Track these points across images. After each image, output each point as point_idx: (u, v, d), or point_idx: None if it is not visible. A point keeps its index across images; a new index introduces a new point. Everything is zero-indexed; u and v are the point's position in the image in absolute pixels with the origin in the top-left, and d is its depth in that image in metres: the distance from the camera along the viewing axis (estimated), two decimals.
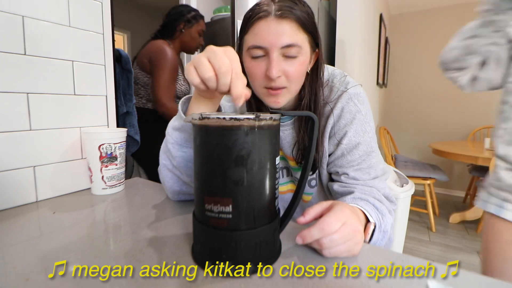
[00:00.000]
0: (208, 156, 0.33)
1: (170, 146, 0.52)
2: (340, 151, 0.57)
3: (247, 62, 0.53)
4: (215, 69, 0.37)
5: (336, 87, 0.59)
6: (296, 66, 0.50)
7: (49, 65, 0.59)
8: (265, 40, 0.48)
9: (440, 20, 3.14)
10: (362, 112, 0.56)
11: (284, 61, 0.50)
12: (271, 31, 0.48)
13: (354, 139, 0.56)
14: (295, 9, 0.48)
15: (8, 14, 0.53)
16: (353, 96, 0.57)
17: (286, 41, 0.48)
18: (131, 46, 3.54)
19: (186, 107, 0.51)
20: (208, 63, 0.37)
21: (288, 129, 0.62)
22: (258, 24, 0.49)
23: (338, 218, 0.38)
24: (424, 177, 2.22)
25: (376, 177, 0.57)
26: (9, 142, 0.54)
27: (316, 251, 0.39)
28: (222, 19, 2.00)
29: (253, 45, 0.50)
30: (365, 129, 0.57)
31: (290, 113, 0.40)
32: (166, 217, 0.51)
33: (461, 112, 3.11)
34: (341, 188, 0.56)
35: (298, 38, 0.49)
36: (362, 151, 0.56)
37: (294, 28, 0.48)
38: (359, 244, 0.39)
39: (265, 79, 0.51)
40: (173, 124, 0.52)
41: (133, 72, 1.30)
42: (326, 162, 0.60)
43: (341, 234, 0.37)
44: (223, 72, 0.37)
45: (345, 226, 0.38)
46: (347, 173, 0.56)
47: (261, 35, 0.48)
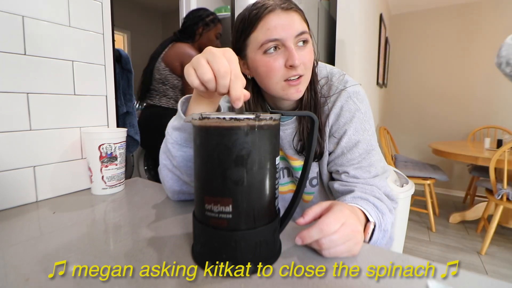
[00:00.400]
0: (208, 156, 0.33)
1: (170, 146, 0.52)
2: (340, 150, 0.57)
3: (260, 60, 0.51)
4: (214, 71, 0.37)
5: (335, 86, 0.59)
6: (309, 53, 0.53)
7: (49, 65, 0.59)
8: (279, 32, 0.49)
9: (440, 20, 3.14)
10: (362, 110, 0.57)
11: (298, 50, 0.51)
12: (283, 22, 0.49)
13: (354, 138, 0.56)
14: (293, 2, 0.51)
15: (8, 14, 0.53)
16: (352, 95, 0.57)
17: (298, 29, 0.50)
18: (131, 46, 3.54)
19: (186, 107, 0.51)
20: (207, 65, 0.37)
21: (289, 128, 0.62)
22: (267, 19, 0.49)
23: (337, 218, 0.38)
24: (424, 177, 2.22)
25: (377, 175, 0.57)
26: (9, 142, 0.54)
27: (316, 251, 0.39)
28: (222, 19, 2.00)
29: (267, 40, 0.49)
30: (365, 127, 0.57)
31: (290, 113, 0.40)
32: (166, 217, 0.51)
33: (461, 112, 3.11)
34: (341, 187, 0.56)
35: (305, 26, 0.51)
36: (362, 149, 0.56)
37: (299, 17, 0.51)
38: (358, 244, 0.39)
39: (285, 71, 0.51)
40: (172, 124, 0.52)
41: (133, 72, 1.30)
42: (327, 160, 0.61)
43: (341, 234, 0.37)
44: (221, 74, 0.37)
45: (344, 227, 0.38)
46: (347, 171, 0.56)
47: (274, 28, 0.49)
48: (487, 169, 1.83)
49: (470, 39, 3.01)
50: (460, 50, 3.07)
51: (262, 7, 0.49)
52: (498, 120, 2.89)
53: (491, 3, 2.90)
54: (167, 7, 3.68)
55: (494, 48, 2.87)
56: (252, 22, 0.51)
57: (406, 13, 3.31)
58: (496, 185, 1.84)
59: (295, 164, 0.63)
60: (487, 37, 2.93)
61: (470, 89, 3.05)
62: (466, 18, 3.02)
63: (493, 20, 2.89)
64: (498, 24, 2.87)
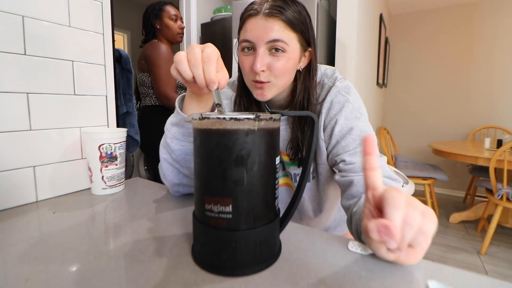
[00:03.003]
0: (208, 156, 0.33)
1: (169, 140, 0.54)
2: (334, 140, 0.58)
3: (239, 56, 0.58)
4: (188, 62, 0.40)
5: (327, 84, 0.62)
6: (281, 62, 0.54)
7: (49, 65, 0.59)
8: (253, 35, 0.53)
9: (440, 20, 3.14)
10: (350, 100, 0.59)
11: (270, 56, 0.54)
12: (259, 27, 0.52)
13: (346, 125, 0.57)
14: (285, 9, 0.52)
15: (8, 14, 0.53)
16: (341, 89, 0.60)
17: (271, 36, 0.52)
18: (131, 46, 3.54)
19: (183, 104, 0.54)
20: (184, 58, 0.40)
21: (283, 125, 0.64)
22: (248, 22, 0.54)
23: (413, 206, 0.30)
24: (424, 177, 2.22)
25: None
26: (9, 142, 0.54)
27: (316, 252, 0.39)
28: (222, 19, 2.00)
29: (242, 39, 0.55)
30: (355, 115, 0.58)
31: (290, 113, 0.40)
32: (166, 217, 0.51)
33: (461, 112, 3.11)
34: (341, 179, 0.56)
35: (285, 35, 0.53)
36: (355, 135, 0.56)
37: (281, 26, 0.52)
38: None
39: (252, 73, 0.55)
40: (171, 120, 0.55)
41: (133, 72, 1.31)
42: (323, 157, 0.62)
43: (427, 227, 0.30)
44: (193, 63, 0.39)
45: (425, 215, 0.30)
46: (343, 159, 0.56)
47: (250, 30, 0.53)
48: (487, 169, 1.83)
49: (470, 39, 3.01)
50: (460, 50, 3.07)
51: (249, 10, 0.54)
52: (498, 120, 2.89)
53: (491, 3, 2.90)
54: None
55: (494, 48, 2.88)
56: (240, 21, 0.57)
57: (406, 13, 3.31)
58: (496, 185, 1.84)
59: (287, 159, 0.65)
60: (487, 37, 2.93)
61: (470, 89, 3.05)
62: (466, 18, 3.02)
63: (493, 20, 2.89)
64: (498, 24, 2.87)
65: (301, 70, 0.60)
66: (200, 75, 0.40)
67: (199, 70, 0.39)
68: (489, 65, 2.93)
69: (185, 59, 0.40)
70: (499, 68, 2.88)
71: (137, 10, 3.58)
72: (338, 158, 0.58)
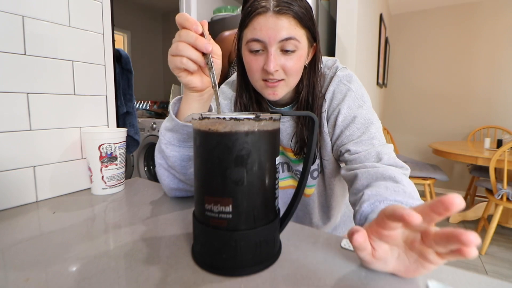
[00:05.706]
0: (208, 156, 0.33)
1: (164, 146, 0.52)
2: (338, 130, 0.57)
3: (246, 55, 0.55)
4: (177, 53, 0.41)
5: (328, 75, 0.61)
6: (294, 60, 0.52)
7: (49, 65, 0.59)
8: (264, 34, 0.50)
9: (440, 20, 3.14)
10: (353, 89, 0.58)
11: (282, 56, 0.52)
12: (270, 25, 0.49)
13: (349, 114, 0.56)
14: (293, 5, 0.50)
15: (8, 14, 0.53)
16: (342, 78, 0.59)
17: (284, 34, 0.49)
18: (131, 46, 3.54)
19: (178, 107, 0.52)
20: (171, 56, 0.42)
21: (287, 120, 0.63)
22: (257, 20, 0.50)
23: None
24: (424, 177, 2.22)
25: (381, 145, 0.55)
26: (9, 142, 0.54)
27: (316, 252, 0.39)
28: (222, 19, 2.00)
29: (251, 38, 0.51)
30: (359, 103, 0.57)
31: (290, 113, 0.40)
32: (166, 217, 0.51)
33: (461, 112, 3.11)
34: (347, 173, 0.55)
35: (296, 32, 0.51)
36: (359, 123, 0.55)
37: (292, 23, 0.50)
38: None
39: (263, 72, 0.53)
40: (165, 125, 0.52)
41: (133, 72, 1.31)
42: (328, 149, 0.61)
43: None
44: (180, 49, 0.40)
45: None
46: (348, 149, 0.55)
47: (259, 29, 0.50)
48: (487, 169, 1.83)
49: (470, 39, 3.01)
50: (460, 50, 3.07)
51: (255, 7, 0.50)
52: (498, 120, 2.89)
53: (491, 3, 2.90)
54: (167, 7, 3.68)
55: (494, 48, 2.88)
56: (246, 18, 0.53)
57: (406, 13, 3.31)
58: (496, 185, 1.84)
59: (293, 156, 0.63)
60: (487, 37, 2.93)
61: (470, 89, 3.05)
62: (466, 18, 3.02)
63: (493, 20, 2.89)
64: (498, 24, 2.87)
65: (306, 65, 0.59)
66: (192, 50, 0.41)
67: (186, 51, 0.40)
68: (489, 65, 2.93)
69: (172, 56, 0.42)
70: (499, 68, 2.88)
71: (137, 10, 3.59)
72: (343, 148, 0.57)
